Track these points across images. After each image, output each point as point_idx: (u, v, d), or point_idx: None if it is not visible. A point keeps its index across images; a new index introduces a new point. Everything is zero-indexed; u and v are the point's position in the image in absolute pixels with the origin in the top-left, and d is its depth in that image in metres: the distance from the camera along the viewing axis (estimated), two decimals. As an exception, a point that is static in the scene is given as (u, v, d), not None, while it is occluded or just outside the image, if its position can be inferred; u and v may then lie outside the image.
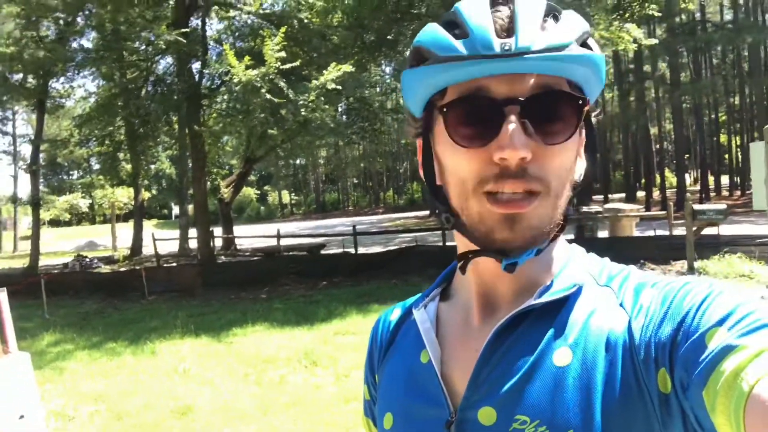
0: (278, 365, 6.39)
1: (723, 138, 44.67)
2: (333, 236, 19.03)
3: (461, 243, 0.68)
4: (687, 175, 35.69)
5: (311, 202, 62.62)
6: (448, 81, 0.61)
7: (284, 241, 17.53)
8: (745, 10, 35.60)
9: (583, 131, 0.66)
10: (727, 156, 44.86)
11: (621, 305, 0.62)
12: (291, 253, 15.50)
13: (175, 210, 52.23)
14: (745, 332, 0.50)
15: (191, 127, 14.70)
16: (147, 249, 21.71)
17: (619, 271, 0.67)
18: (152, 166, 24.71)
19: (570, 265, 0.68)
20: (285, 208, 64.68)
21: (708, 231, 10.83)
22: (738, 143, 41.71)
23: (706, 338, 0.52)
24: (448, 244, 14.06)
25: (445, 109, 0.62)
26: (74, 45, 16.05)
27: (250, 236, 21.04)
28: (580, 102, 0.61)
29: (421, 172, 0.69)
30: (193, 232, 18.19)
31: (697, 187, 36.92)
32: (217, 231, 17.20)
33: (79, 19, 15.37)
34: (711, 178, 38.11)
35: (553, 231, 0.63)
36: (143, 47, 15.77)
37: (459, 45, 0.59)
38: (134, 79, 16.16)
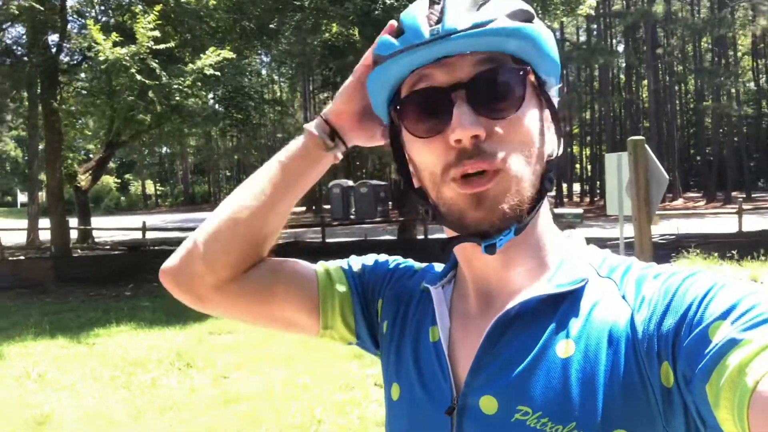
0: (149, 368, 5.97)
1: (575, 149, 48.94)
2: (205, 230, 18.21)
3: (447, 231, 0.69)
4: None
5: (179, 194, 59.42)
6: (395, 75, 0.65)
7: (150, 234, 16.47)
8: (597, 34, 39.35)
9: (545, 108, 0.67)
10: (578, 166, 49.27)
11: (623, 297, 0.61)
12: (158, 247, 14.56)
13: (22, 197, 47.23)
14: (750, 326, 0.49)
15: (47, 105, 13.30)
16: (-13, 240, 19.39)
17: (620, 262, 0.66)
18: (-5, 147, 22.04)
19: (570, 256, 0.67)
20: (149, 200, 60.76)
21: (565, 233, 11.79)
22: (587, 154, 45.94)
23: (709, 332, 0.51)
24: (328, 240, 14.05)
25: (399, 107, 0.66)
26: None
27: (111, 228, 19.56)
28: (521, 72, 0.62)
29: (400, 177, 0.73)
30: (44, 223, 16.48)
31: (553, 193, 40.16)
32: (72, 222, 15.71)
33: None
34: (564, 186, 41.62)
35: (527, 206, 0.63)
36: (-11, 12, 13.98)
37: (396, 41, 0.63)
38: (-24, 47, 14.31)
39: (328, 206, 31.66)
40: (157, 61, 11.15)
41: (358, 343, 0.87)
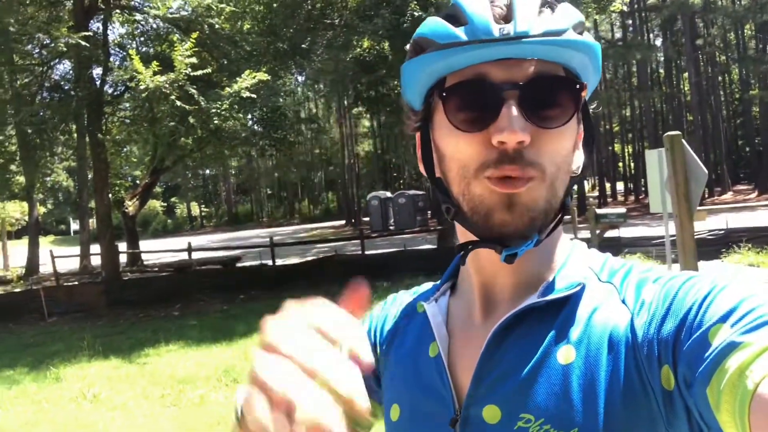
0: (197, 385, 6.12)
1: (617, 147, 47.90)
2: (248, 248, 18.57)
3: (462, 235, 0.68)
4: (585, 182, 37.95)
5: (223, 214, 60.67)
6: (448, 67, 0.62)
7: (196, 255, 16.88)
8: (633, 30, 38.53)
9: (581, 124, 0.67)
10: (621, 164, 48.16)
11: (623, 302, 0.61)
12: (204, 267, 14.93)
13: (74, 225, 49.09)
14: (749, 329, 0.49)
15: (92, 135, 13.86)
16: (44, 267, 20.27)
17: (621, 266, 0.66)
18: (48, 179, 23.03)
19: (571, 260, 0.67)
20: (195, 221, 62.29)
21: (609, 233, 11.51)
22: (630, 152, 44.89)
23: (709, 335, 0.51)
24: (367, 252, 14.11)
25: (444, 94, 0.62)
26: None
27: (158, 251, 20.11)
28: (577, 87, 0.62)
29: (420, 166, 0.70)
30: (95, 248, 17.11)
31: (596, 193, 39.30)
32: (122, 246, 16.26)
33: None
34: (607, 185, 40.72)
35: (551, 219, 0.63)
36: (38, 51, 14.71)
37: (459, 32, 0.60)
38: (27, 84, 15.03)
39: (367, 218, 31.84)
40: (195, 87, 11.50)
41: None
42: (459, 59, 0.60)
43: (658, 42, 41.62)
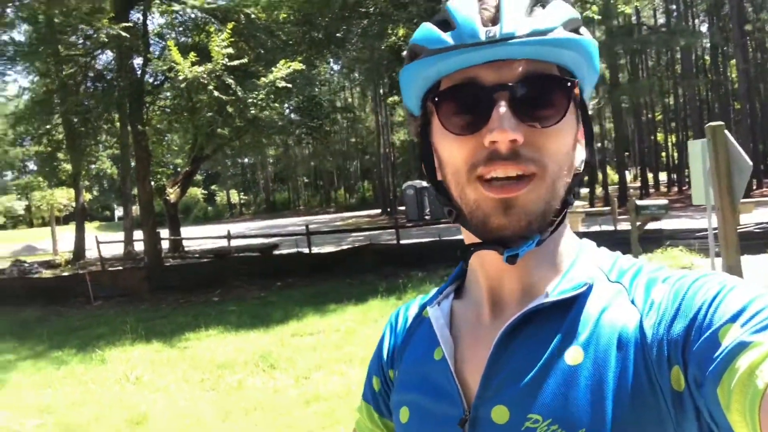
0: (235, 369, 6.26)
1: (660, 136, 46.61)
2: (285, 236, 18.83)
3: (466, 236, 0.69)
4: (627, 172, 37.07)
5: (261, 202, 61.63)
6: (439, 72, 0.63)
7: (235, 242, 17.20)
8: (677, 15, 37.30)
9: (580, 120, 0.67)
10: (663, 154, 46.87)
11: (632, 302, 0.61)
12: (243, 254, 15.21)
13: (118, 212, 50.58)
14: (759, 328, 0.49)
15: (134, 125, 14.22)
16: (90, 252, 20.94)
17: (631, 265, 0.66)
18: (93, 166, 23.75)
19: (579, 260, 0.67)
20: (234, 209, 63.50)
21: (651, 225, 11.24)
22: (674, 141, 43.64)
23: (719, 335, 0.51)
24: (402, 242, 14.13)
25: (437, 99, 0.63)
26: (4, 38, 15.18)
27: (199, 237, 20.55)
28: (569, 84, 0.61)
29: (424, 170, 0.71)
30: (138, 235, 17.60)
31: (637, 184, 38.38)
32: (164, 233, 16.68)
33: (9, 11, 14.56)
34: (650, 175, 39.71)
35: (551, 218, 0.63)
36: (81, 41, 15.13)
37: (447, 37, 0.61)
38: (72, 74, 15.49)
39: (402, 208, 31.81)
40: (232, 77, 11.67)
41: None
42: (448, 64, 0.61)
43: (704, 28, 40.17)
